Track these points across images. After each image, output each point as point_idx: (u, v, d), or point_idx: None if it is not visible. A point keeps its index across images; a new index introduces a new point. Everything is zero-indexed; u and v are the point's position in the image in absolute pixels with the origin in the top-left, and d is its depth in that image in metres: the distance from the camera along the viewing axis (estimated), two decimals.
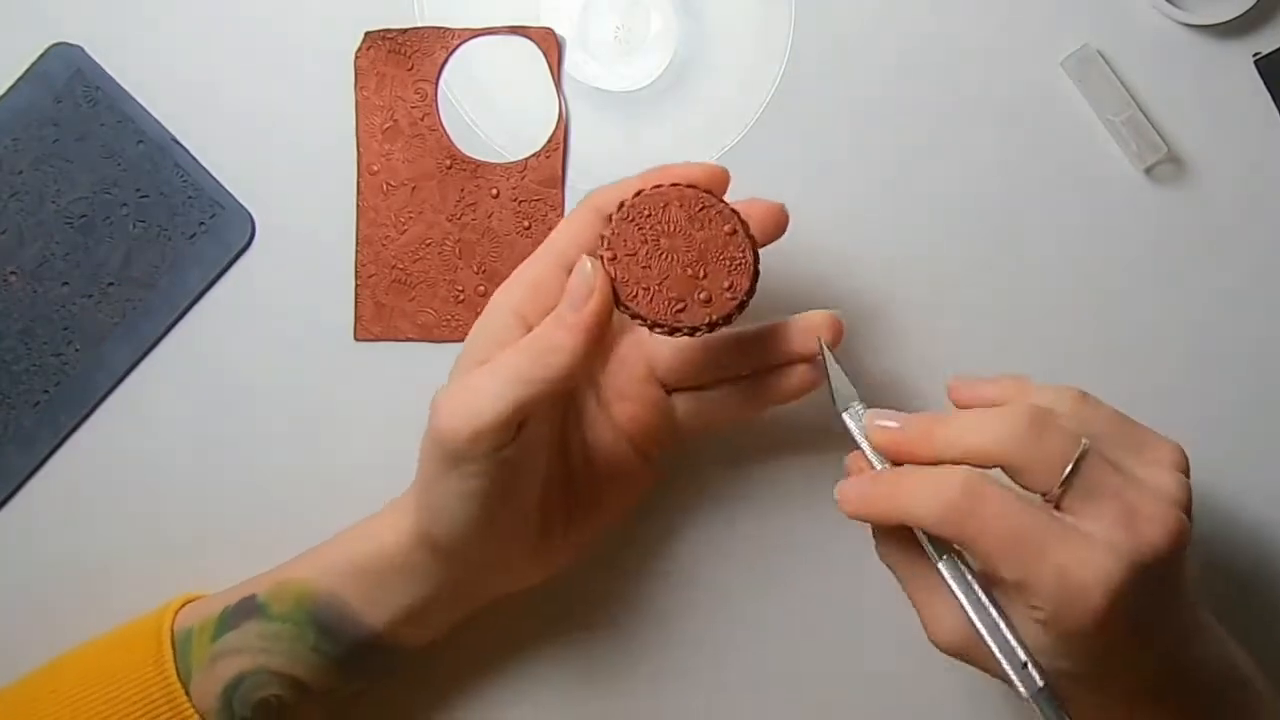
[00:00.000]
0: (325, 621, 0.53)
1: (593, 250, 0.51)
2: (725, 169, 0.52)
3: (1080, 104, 0.59)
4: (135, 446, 0.60)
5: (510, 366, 0.48)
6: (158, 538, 0.60)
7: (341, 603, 0.53)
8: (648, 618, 0.59)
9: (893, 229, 0.59)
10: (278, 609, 0.53)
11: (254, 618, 0.53)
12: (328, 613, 0.53)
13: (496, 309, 0.51)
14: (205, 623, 0.54)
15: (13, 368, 0.59)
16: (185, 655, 0.54)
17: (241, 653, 0.53)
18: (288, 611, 0.53)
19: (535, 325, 0.50)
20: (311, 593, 0.53)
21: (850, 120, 0.59)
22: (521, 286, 0.51)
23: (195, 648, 0.54)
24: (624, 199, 0.51)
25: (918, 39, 0.59)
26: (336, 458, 0.60)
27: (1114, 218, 0.59)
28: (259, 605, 0.54)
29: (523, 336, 0.50)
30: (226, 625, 0.54)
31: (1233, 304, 0.59)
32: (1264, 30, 0.59)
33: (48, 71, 0.59)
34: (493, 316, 0.51)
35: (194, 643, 0.54)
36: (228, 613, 0.54)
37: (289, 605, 0.53)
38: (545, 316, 0.50)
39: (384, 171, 0.60)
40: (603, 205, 0.52)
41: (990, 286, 0.59)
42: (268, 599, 0.54)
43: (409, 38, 0.60)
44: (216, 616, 0.54)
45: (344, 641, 0.53)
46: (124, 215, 0.59)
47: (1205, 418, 0.59)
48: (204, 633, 0.54)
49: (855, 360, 0.59)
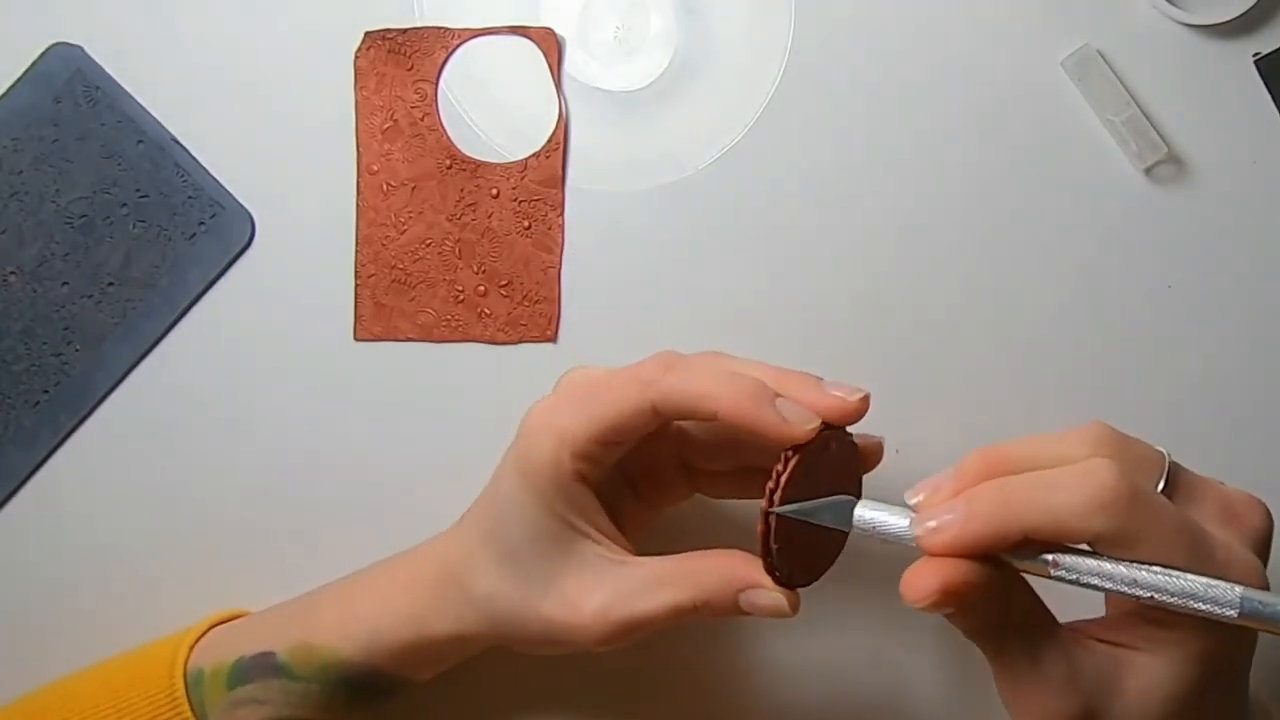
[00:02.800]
0: (355, 683, 0.53)
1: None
2: (861, 404, 0.49)
3: (1080, 104, 0.59)
4: (135, 446, 0.60)
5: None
6: (158, 538, 0.59)
7: (378, 673, 0.53)
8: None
9: (892, 228, 0.59)
10: (302, 671, 0.52)
11: (274, 676, 0.52)
12: (359, 678, 0.53)
13: (558, 473, 0.50)
14: (217, 669, 0.53)
15: (13, 368, 0.59)
16: (198, 695, 0.53)
17: (264, 704, 0.52)
18: (313, 674, 0.52)
19: (589, 476, 0.50)
20: (340, 662, 0.52)
21: (850, 120, 0.59)
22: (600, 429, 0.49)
23: (209, 691, 0.53)
24: (799, 446, 0.47)
25: (917, 39, 0.59)
26: (337, 458, 0.60)
27: (1114, 218, 0.59)
28: (280, 665, 0.52)
29: (586, 491, 0.50)
30: (243, 677, 0.53)
31: (1233, 304, 0.59)
32: (1264, 30, 0.59)
33: (48, 71, 0.59)
34: (556, 482, 0.50)
35: (206, 686, 0.53)
36: (242, 665, 0.53)
37: (314, 670, 0.52)
38: (596, 469, 0.50)
39: (384, 171, 0.60)
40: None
41: (990, 286, 0.59)
42: (289, 661, 0.52)
43: (409, 38, 0.60)
44: (230, 666, 0.53)
45: (381, 692, 0.53)
46: (124, 215, 0.59)
47: (1205, 417, 0.59)
48: (216, 678, 0.53)
49: (855, 358, 0.59)
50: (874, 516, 0.46)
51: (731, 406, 0.47)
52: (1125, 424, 0.46)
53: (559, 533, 0.49)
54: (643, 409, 0.48)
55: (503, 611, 0.51)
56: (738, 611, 0.48)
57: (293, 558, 0.56)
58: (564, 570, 0.50)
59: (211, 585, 0.57)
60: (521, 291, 0.59)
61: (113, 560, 0.59)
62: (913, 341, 0.59)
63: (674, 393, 0.48)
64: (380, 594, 0.53)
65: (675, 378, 0.48)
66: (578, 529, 0.50)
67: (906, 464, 0.59)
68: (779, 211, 0.59)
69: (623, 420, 0.49)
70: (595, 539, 0.50)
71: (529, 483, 0.49)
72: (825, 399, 0.48)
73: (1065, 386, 0.59)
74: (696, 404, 0.48)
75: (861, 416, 0.48)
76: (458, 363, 0.60)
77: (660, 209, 0.59)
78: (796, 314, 0.59)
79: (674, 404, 0.48)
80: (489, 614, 0.51)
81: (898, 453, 0.59)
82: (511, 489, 0.50)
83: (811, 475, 0.47)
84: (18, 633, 0.59)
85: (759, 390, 0.47)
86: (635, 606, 0.49)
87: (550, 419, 0.50)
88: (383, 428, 0.60)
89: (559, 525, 0.49)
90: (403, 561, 0.54)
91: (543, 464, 0.49)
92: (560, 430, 0.49)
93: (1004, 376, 0.59)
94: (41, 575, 0.60)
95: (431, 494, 0.57)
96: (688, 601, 0.48)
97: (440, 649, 0.53)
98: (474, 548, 0.51)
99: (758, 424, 0.47)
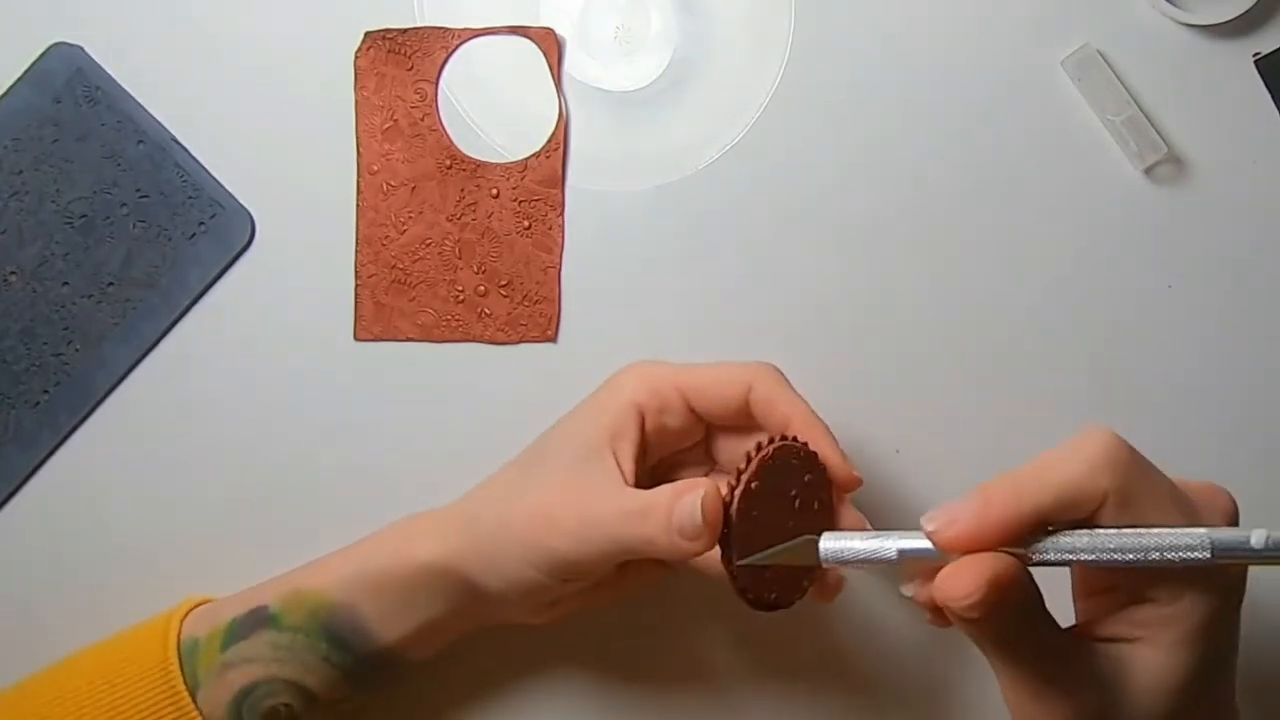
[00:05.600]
0: (338, 633, 0.53)
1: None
2: (855, 477, 0.52)
3: (1080, 104, 0.59)
4: (135, 446, 0.60)
5: (620, 528, 0.50)
6: (158, 538, 0.60)
7: (357, 615, 0.53)
8: (659, 627, 0.59)
9: (892, 228, 0.59)
10: (290, 620, 0.53)
11: (265, 628, 0.53)
12: (341, 624, 0.53)
13: (620, 391, 0.53)
14: (213, 632, 0.54)
15: (13, 368, 0.59)
16: (192, 664, 0.53)
17: (253, 662, 0.53)
18: (300, 622, 0.53)
19: (649, 418, 0.53)
20: (326, 604, 0.53)
21: (850, 120, 0.59)
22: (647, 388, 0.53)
23: (203, 657, 0.53)
24: (766, 441, 0.49)
25: (917, 39, 0.59)
26: (336, 458, 0.60)
27: (1114, 218, 0.59)
28: (270, 616, 0.53)
29: (636, 427, 0.52)
30: (235, 635, 0.53)
31: (1233, 304, 0.59)
32: (1264, 30, 0.59)
33: (48, 71, 0.59)
34: (616, 400, 0.53)
35: (201, 652, 0.53)
36: (236, 623, 0.54)
37: (302, 616, 0.53)
38: (659, 416, 0.53)
39: (384, 171, 0.60)
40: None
41: (989, 285, 0.59)
42: (280, 610, 0.53)
43: (409, 38, 0.60)
44: (225, 626, 0.54)
45: (354, 653, 0.53)
46: (124, 215, 0.59)
47: (1204, 417, 0.59)
48: (212, 642, 0.54)
49: (854, 358, 0.59)
50: (841, 546, 0.46)
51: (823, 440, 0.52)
52: (1124, 424, 0.46)
53: (593, 443, 0.52)
54: (737, 389, 0.52)
55: (492, 508, 0.52)
56: (669, 536, 0.48)
57: (293, 557, 0.56)
58: (571, 473, 0.51)
59: (212, 584, 0.57)
60: (521, 291, 0.59)
61: (113, 559, 0.59)
62: (912, 341, 0.59)
63: (769, 398, 0.52)
64: (377, 534, 0.55)
65: (775, 391, 0.53)
66: (609, 446, 0.52)
67: (906, 464, 0.59)
68: (779, 211, 0.59)
69: (707, 387, 0.53)
70: (613, 463, 0.52)
71: (599, 394, 0.54)
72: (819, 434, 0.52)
73: (1065, 386, 0.59)
74: (777, 420, 0.52)
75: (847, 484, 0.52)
76: (458, 363, 0.60)
77: (660, 209, 0.59)
78: (796, 313, 0.59)
79: (763, 400, 0.53)
80: (476, 521, 0.52)
81: (898, 452, 0.59)
82: (580, 405, 0.54)
83: (775, 489, 0.48)
84: (19, 632, 0.59)
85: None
86: (601, 507, 0.50)
87: (654, 362, 0.54)
88: (383, 427, 0.60)
89: (599, 435, 0.52)
90: (415, 514, 0.56)
91: (622, 381, 0.53)
92: (651, 370, 0.54)
93: (1003, 376, 0.59)
94: (42, 575, 0.60)
95: (431, 493, 0.57)
96: (638, 507, 0.49)
97: (416, 585, 0.53)
98: (493, 475, 0.55)
99: (823, 447, 0.51)
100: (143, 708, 0.53)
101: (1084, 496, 0.42)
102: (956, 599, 0.41)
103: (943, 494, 0.53)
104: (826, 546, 0.46)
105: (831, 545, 0.46)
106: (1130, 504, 0.42)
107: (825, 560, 0.46)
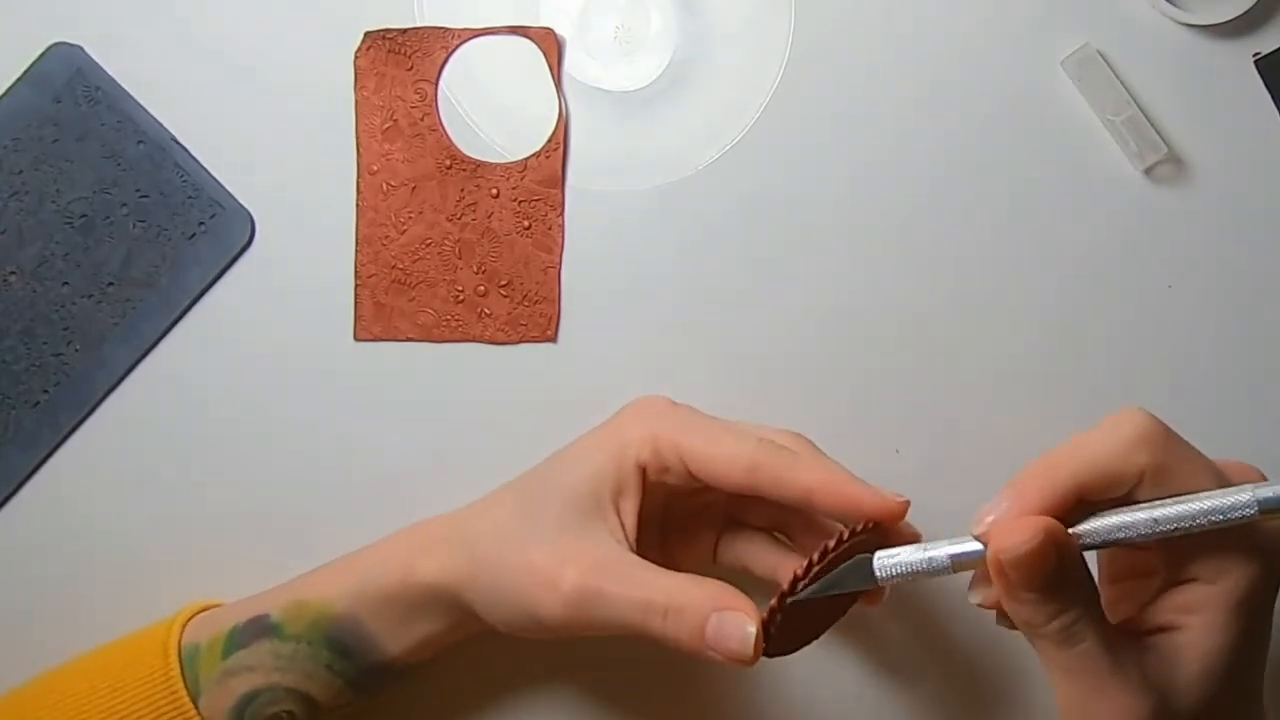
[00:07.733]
0: (341, 643, 0.53)
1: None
2: (899, 507, 0.50)
3: (1080, 104, 0.59)
4: (135, 446, 0.60)
5: (638, 609, 0.49)
6: (158, 538, 0.59)
7: (360, 627, 0.53)
8: None
9: (892, 228, 0.59)
10: (292, 629, 0.53)
11: (266, 637, 0.53)
12: (345, 636, 0.53)
13: (625, 449, 0.52)
14: (214, 639, 0.54)
15: (13, 368, 0.59)
16: (193, 670, 0.53)
17: (255, 670, 0.53)
18: (302, 632, 0.53)
19: (651, 474, 0.52)
20: (329, 615, 0.53)
21: (850, 120, 0.59)
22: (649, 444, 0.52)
23: (204, 664, 0.53)
24: (818, 556, 0.48)
25: (917, 39, 0.59)
26: (336, 458, 0.60)
27: (1114, 218, 0.59)
28: (272, 625, 0.53)
29: (638, 488, 0.52)
30: (236, 643, 0.53)
31: (1233, 304, 0.59)
32: (1264, 30, 0.59)
33: (48, 71, 0.59)
34: (620, 455, 0.52)
35: (202, 659, 0.53)
36: (237, 630, 0.54)
37: (304, 626, 0.53)
38: (662, 474, 0.52)
39: (384, 171, 0.60)
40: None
41: (989, 286, 0.59)
42: (282, 619, 0.53)
43: (409, 38, 0.60)
44: (225, 634, 0.54)
45: (357, 662, 0.53)
46: (124, 215, 0.59)
47: (1204, 417, 0.59)
48: (213, 649, 0.53)
49: (854, 358, 0.59)
50: (895, 561, 0.47)
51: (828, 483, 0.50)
52: None
53: (596, 497, 0.51)
54: (738, 473, 0.50)
55: (492, 548, 0.51)
56: (699, 643, 0.48)
57: (293, 557, 0.56)
58: (572, 530, 0.51)
59: (212, 584, 0.57)
60: (521, 291, 0.60)
61: (113, 560, 0.59)
62: (912, 341, 0.59)
63: (774, 468, 0.50)
64: (380, 546, 0.55)
65: (780, 461, 0.51)
66: (612, 503, 0.51)
67: (907, 464, 0.59)
68: (779, 211, 0.59)
69: (709, 463, 0.51)
70: (615, 521, 0.51)
71: (604, 442, 0.52)
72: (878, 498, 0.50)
73: (1065, 386, 0.59)
74: (794, 494, 0.50)
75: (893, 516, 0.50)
76: (458, 363, 0.60)
77: (660, 209, 0.59)
78: (796, 314, 0.59)
79: (768, 475, 0.51)
80: (476, 551, 0.52)
81: (897, 452, 0.59)
82: (584, 443, 0.53)
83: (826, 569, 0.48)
84: (18, 633, 0.59)
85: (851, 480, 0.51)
86: (608, 585, 0.49)
87: (664, 407, 0.53)
88: (383, 427, 0.60)
89: (601, 489, 0.51)
90: (418, 524, 0.55)
91: (628, 436, 0.52)
92: (657, 428, 0.52)
93: (1004, 377, 0.59)
94: (42, 575, 0.59)
95: (431, 494, 0.57)
96: (660, 602, 0.48)
97: (419, 603, 0.53)
98: (492, 500, 0.54)
99: (851, 493, 0.50)
100: (145, 712, 0.53)
101: (1120, 472, 0.43)
102: (1012, 546, 0.42)
103: (943, 494, 0.54)
104: (881, 564, 0.47)
105: (886, 563, 0.47)
106: (1167, 479, 0.43)
107: (881, 578, 0.47)
